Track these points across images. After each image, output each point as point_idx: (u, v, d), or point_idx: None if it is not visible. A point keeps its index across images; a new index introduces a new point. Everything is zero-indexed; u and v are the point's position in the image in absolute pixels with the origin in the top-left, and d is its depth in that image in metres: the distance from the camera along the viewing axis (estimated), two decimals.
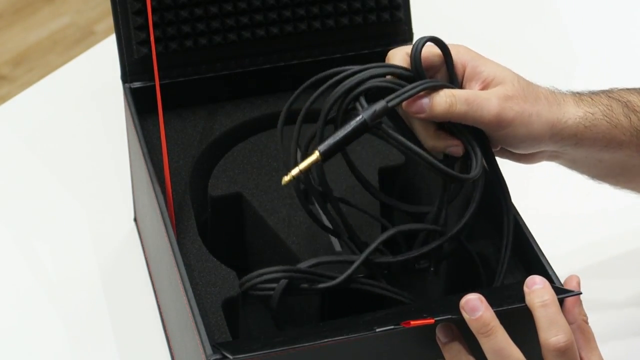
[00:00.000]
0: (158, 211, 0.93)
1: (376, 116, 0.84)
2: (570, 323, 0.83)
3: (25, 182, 1.23)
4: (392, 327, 0.80)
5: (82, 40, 2.55)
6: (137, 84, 1.05)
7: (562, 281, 0.87)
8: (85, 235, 1.16)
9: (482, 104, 0.86)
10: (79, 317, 1.08)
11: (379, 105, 0.84)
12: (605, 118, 0.91)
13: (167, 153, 1.01)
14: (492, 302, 0.80)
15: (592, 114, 0.90)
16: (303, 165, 0.82)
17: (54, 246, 1.15)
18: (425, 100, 0.86)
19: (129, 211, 1.18)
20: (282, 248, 0.95)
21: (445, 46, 0.89)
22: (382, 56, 1.10)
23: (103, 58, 1.39)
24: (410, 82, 0.86)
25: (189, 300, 0.85)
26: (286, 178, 0.82)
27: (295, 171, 0.82)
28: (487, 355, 0.79)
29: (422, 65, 0.87)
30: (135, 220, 1.17)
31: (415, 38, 1.11)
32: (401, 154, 1.02)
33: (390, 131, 0.85)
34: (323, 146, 0.83)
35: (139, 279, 1.12)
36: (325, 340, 0.81)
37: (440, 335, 0.81)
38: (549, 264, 0.88)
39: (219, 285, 0.91)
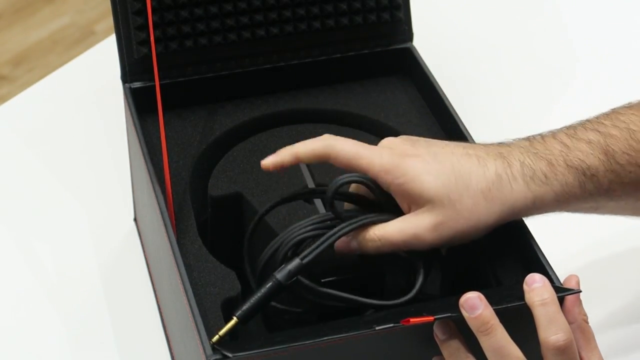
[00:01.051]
0: (158, 211, 0.93)
1: (291, 275, 0.85)
2: (570, 322, 0.82)
3: (25, 182, 1.23)
4: (392, 325, 0.80)
5: (82, 40, 2.55)
6: (137, 84, 1.05)
7: (561, 281, 0.87)
8: (85, 235, 1.16)
9: (415, 240, 0.85)
10: (79, 317, 1.08)
11: (293, 264, 0.86)
12: (556, 197, 0.87)
13: (167, 153, 1.01)
14: (492, 300, 0.80)
15: (542, 195, 0.86)
16: (223, 331, 0.83)
17: (54, 246, 1.15)
18: (353, 244, 0.86)
19: (129, 211, 1.18)
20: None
21: (363, 181, 0.87)
22: (382, 56, 1.11)
23: (103, 58, 1.39)
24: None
25: (188, 300, 0.85)
26: (213, 340, 0.83)
27: (215, 338, 0.83)
28: (487, 353, 0.79)
29: (337, 209, 0.87)
30: (135, 220, 1.17)
31: (416, 38, 1.12)
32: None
33: (311, 285, 0.86)
34: (241, 312, 0.84)
35: (139, 279, 1.12)
36: (325, 339, 0.81)
37: (438, 333, 0.81)
38: (548, 263, 0.88)
39: (219, 285, 0.91)
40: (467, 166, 0.85)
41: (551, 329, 0.79)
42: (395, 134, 1.05)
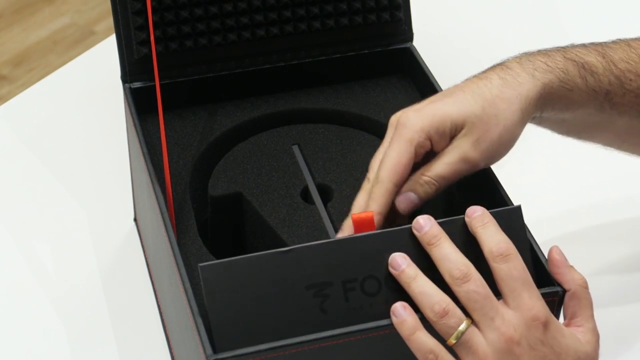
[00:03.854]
0: (158, 211, 0.93)
1: None
2: (566, 289, 0.85)
3: (25, 182, 1.23)
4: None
5: (82, 40, 2.55)
6: (137, 84, 1.05)
7: (563, 284, 0.87)
8: (85, 235, 1.16)
9: (464, 164, 0.90)
10: (79, 317, 1.08)
11: None
12: (562, 84, 0.92)
13: (167, 153, 1.01)
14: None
15: (549, 82, 0.92)
16: None
17: (54, 246, 1.15)
18: (412, 197, 0.90)
19: (129, 211, 1.18)
20: (282, 247, 0.95)
21: None
22: (382, 56, 1.11)
23: (103, 58, 1.39)
24: None
25: (188, 300, 0.85)
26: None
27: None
28: (437, 263, 0.82)
29: None
30: (135, 220, 1.17)
31: (416, 38, 1.12)
32: None
33: None
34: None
35: (139, 279, 1.12)
36: (326, 338, 0.81)
37: (393, 264, 0.83)
38: (543, 255, 0.88)
39: None
40: (473, 86, 0.91)
41: (492, 241, 0.82)
42: None
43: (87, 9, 2.64)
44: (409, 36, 1.12)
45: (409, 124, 0.89)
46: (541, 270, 0.88)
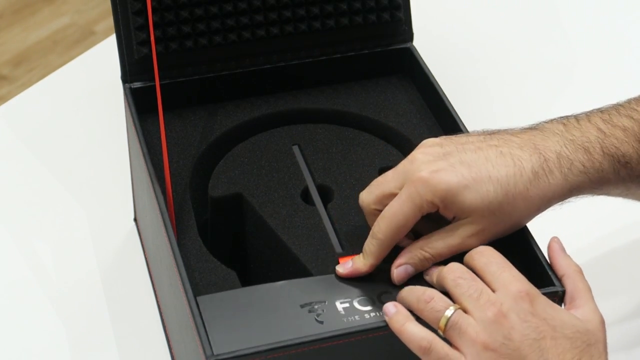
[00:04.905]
0: (158, 211, 0.93)
1: None
2: (560, 275, 0.86)
3: (25, 182, 1.23)
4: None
5: (82, 40, 2.55)
6: (137, 84, 1.05)
7: (562, 284, 0.87)
8: (85, 235, 1.16)
9: (460, 248, 0.88)
10: (79, 317, 1.08)
11: None
12: (592, 184, 0.89)
13: (167, 153, 1.01)
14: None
15: (580, 184, 0.88)
16: None
17: (54, 246, 1.15)
18: (409, 269, 0.89)
19: (129, 211, 1.18)
20: (282, 248, 0.95)
21: None
22: (382, 56, 1.11)
23: (103, 58, 1.39)
24: None
25: (188, 300, 0.85)
26: None
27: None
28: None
29: None
30: (135, 220, 1.17)
31: (416, 38, 1.12)
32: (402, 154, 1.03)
33: None
34: None
35: (139, 279, 1.12)
36: (326, 339, 0.81)
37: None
38: (549, 265, 0.88)
39: (219, 285, 0.91)
40: (503, 171, 0.86)
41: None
42: (396, 134, 1.05)
43: (87, 9, 2.64)
44: (409, 36, 1.12)
45: (423, 191, 0.86)
46: (541, 271, 0.88)
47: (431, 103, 1.07)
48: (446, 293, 0.83)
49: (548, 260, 0.88)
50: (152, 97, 1.00)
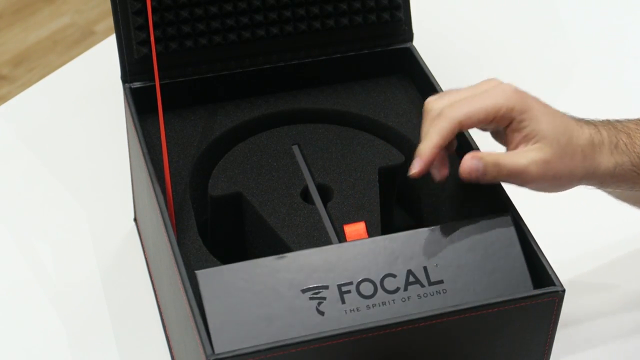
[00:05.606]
0: (158, 211, 0.93)
1: None
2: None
3: (25, 182, 1.23)
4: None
5: (82, 40, 2.55)
6: (137, 84, 1.05)
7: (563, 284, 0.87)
8: (85, 235, 1.16)
9: (522, 173, 0.91)
10: (79, 317, 1.08)
11: None
12: (633, 168, 0.95)
13: (167, 153, 1.01)
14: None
15: (622, 164, 0.94)
16: None
17: (54, 246, 1.15)
18: (479, 166, 0.91)
19: (129, 211, 1.18)
20: (282, 248, 0.95)
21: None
22: (382, 56, 1.11)
23: (103, 58, 1.39)
24: None
25: (188, 300, 0.85)
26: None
27: None
28: None
29: None
30: (135, 220, 1.17)
31: (415, 38, 1.12)
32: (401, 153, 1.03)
33: None
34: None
35: (139, 279, 1.12)
36: (326, 338, 0.81)
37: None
38: (551, 268, 0.88)
39: None
40: (571, 123, 0.93)
41: None
42: (395, 134, 1.05)
43: (87, 9, 2.64)
44: (409, 36, 1.12)
45: (508, 95, 0.91)
46: (541, 271, 0.88)
47: None
48: None
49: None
50: (152, 97, 1.00)
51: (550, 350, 0.91)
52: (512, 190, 0.95)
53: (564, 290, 0.86)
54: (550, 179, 0.92)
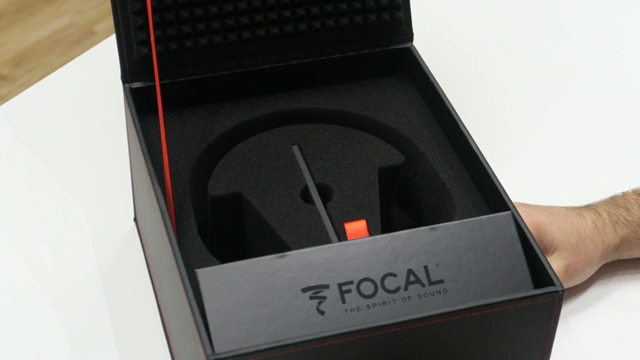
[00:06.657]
0: (158, 211, 0.93)
1: None
2: None
3: (26, 182, 1.23)
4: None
5: (82, 40, 2.55)
6: (137, 84, 1.05)
7: (560, 282, 0.87)
8: (85, 235, 1.16)
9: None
10: (79, 317, 1.08)
11: None
12: (636, 235, 1.08)
13: (167, 153, 1.01)
14: None
15: (626, 236, 1.07)
16: None
17: (54, 246, 1.15)
18: None
19: (129, 211, 1.18)
20: (282, 248, 0.95)
21: None
22: (382, 56, 1.11)
23: (103, 58, 1.39)
24: None
25: (189, 300, 0.85)
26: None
27: None
28: None
29: None
30: (135, 220, 1.17)
31: (415, 38, 1.12)
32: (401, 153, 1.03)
33: None
34: None
35: (139, 279, 1.12)
36: (326, 338, 0.81)
37: None
38: (551, 268, 0.88)
39: None
40: (573, 218, 1.06)
41: None
42: (396, 134, 1.05)
43: (87, 9, 2.64)
44: (409, 36, 1.12)
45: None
46: (541, 271, 0.88)
47: (431, 103, 1.07)
48: None
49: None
50: (152, 97, 1.00)
51: (550, 350, 0.91)
52: (512, 190, 0.95)
53: (564, 290, 0.86)
54: (574, 276, 1.05)
